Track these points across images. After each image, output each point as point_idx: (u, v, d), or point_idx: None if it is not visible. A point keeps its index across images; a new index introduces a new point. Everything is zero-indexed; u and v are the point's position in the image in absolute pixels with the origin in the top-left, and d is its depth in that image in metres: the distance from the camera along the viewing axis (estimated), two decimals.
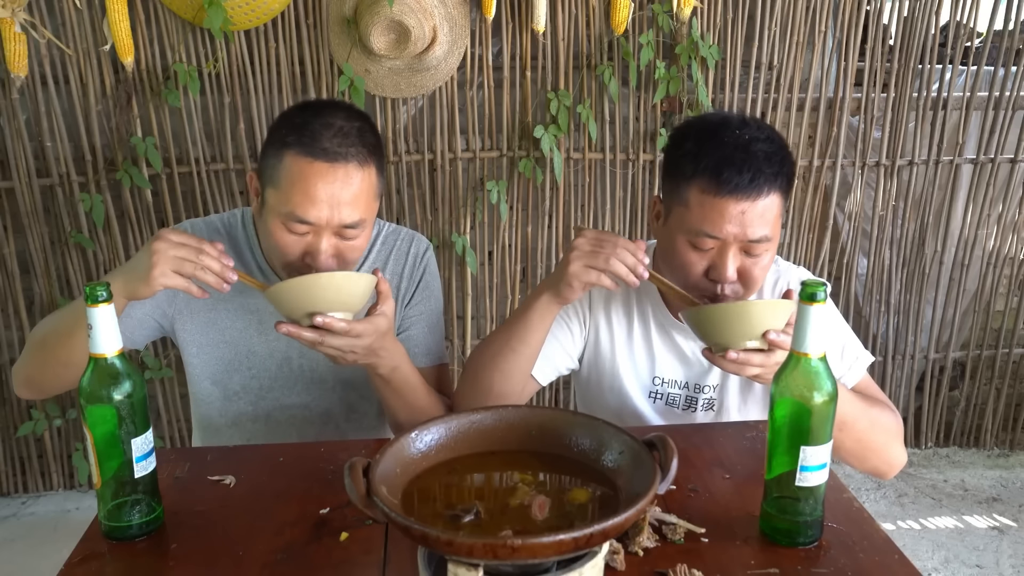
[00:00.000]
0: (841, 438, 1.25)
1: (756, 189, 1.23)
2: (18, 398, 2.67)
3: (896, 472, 1.39)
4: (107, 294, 0.97)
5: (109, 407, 1.00)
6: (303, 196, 1.26)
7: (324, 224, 1.28)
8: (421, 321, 1.55)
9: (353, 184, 1.28)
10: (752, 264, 1.28)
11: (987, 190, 2.79)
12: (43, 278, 2.55)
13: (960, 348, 3.00)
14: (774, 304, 1.19)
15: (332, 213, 1.27)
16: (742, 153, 1.24)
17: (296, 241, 1.29)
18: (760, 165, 1.23)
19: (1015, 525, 2.62)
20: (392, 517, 0.78)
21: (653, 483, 0.81)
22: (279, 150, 1.29)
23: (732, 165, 1.23)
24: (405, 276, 1.53)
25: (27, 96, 2.38)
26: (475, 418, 0.98)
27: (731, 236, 1.25)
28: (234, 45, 2.39)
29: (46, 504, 2.75)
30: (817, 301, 0.94)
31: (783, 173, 1.27)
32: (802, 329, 0.97)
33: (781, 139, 1.30)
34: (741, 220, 1.24)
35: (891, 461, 1.37)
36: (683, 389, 1.48)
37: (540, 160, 2.58)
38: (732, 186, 1.22)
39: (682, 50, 2.48)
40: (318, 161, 1.26)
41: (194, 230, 1.46)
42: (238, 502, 1.14)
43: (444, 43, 2.39)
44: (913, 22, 2.58)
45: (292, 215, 1.27)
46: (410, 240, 1.55)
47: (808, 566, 0.98)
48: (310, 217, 1.26)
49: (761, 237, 1.25)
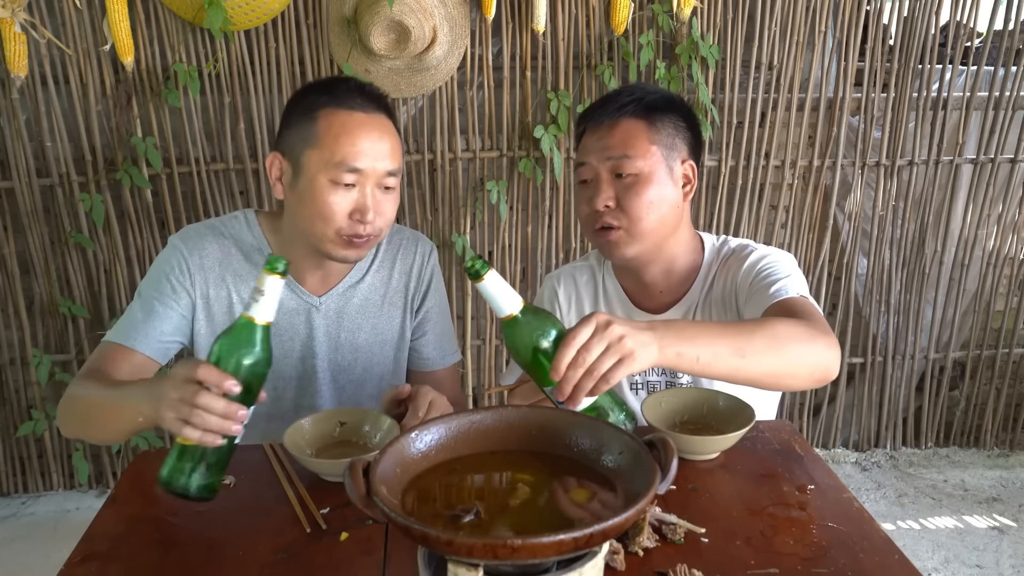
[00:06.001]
0: (748, 364, 1.11)
1: (611, 114, 1.42)
2: (18, 398, 2.68)
3: (835, 367, 1.20)
4: (284, 268, 1.03)
5: (237, 367, 1.03)
6: (350, 145, 1.32)
7: (370, 172, 1.34)
8: (435, 324, 1.59)
9: (388, 134, 1.37)
10: (623, 189, 1.40)
11: (987, 190, 2.79)
12: (43, 278, 2.55)
13: (960, 348, 3.00)
14: None
15: (376, 160, 1.34)
16: (610, 94, 1.48)
17: (343, 198, 1.33)
18: (615, 97, 1.44)
19: (1015, 525, 2.62)
20: (392, 517, 0.78)
21: (653, 483, 0.81)
22: (311, 112, 1.35)
23: (600, 102, 1.46)
24: (413, 275, 1.56)
25: (27, 96, 2.38)
26: (475, 418, 0.98)
27: (594, 160, 1.42)
28: (234, 45, 2.40)
29: (46, 504, 2.75)
30: (481, 277, 1.04)
31: (643, 102, 1.43)
32: (491, 301, 1.06)
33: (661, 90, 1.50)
34: (599, 143, 1.42)
35: (817, 362, 1.18)
36: (662, 375, 1.50)
37: (540, 160, 2.58)
38: (597, 116, 1.44)
39: (682, 50, 2.48)
40: (356, 112, 1.35)
41: (196, 235, 1.46)
42: (238, 502, 1.14)
43: (444, 43, 2.39)
44: (913, 22, 2.58)
45: (343, 164, 1.32)
46: (415, 240, 1.58)
47: (808, 566, 0.98)
48: (359, 163, 1.33)
49: (620, 154, 1.40)
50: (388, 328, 1.55)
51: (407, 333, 1.57)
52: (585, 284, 1.59)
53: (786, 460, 1.23)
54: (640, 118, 1.42)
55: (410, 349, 1.60)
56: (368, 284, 1.53)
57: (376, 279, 1.53)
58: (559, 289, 1.60)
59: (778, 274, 1.37)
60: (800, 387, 1.25)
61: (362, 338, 1.53)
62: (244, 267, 1.46)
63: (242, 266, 1.46)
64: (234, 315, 1.45)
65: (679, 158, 1.44)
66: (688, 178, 1.46)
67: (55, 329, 2.62)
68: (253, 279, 1.45)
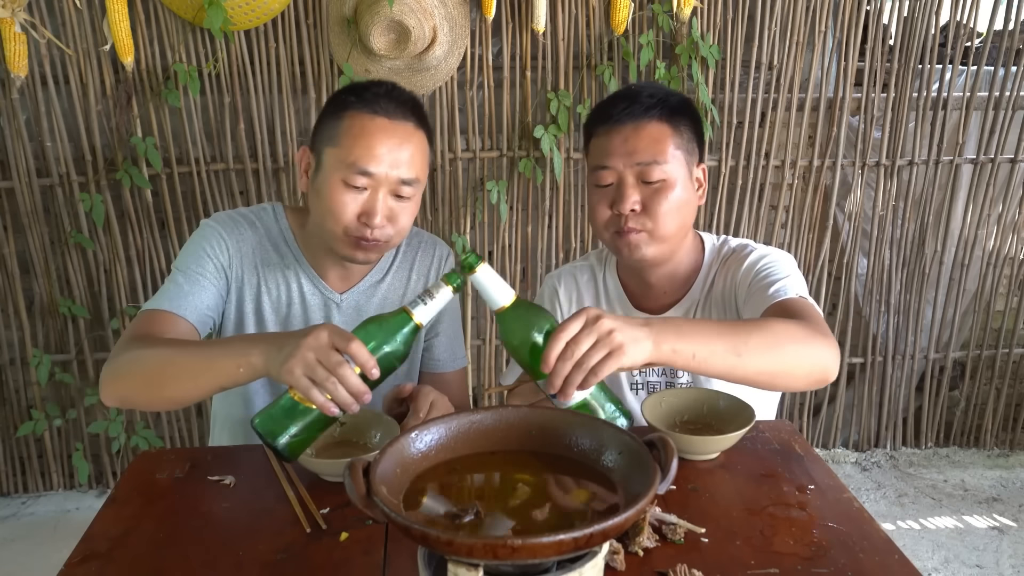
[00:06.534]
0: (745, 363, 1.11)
1: (635, 116, 1.38)
2: (18, 398, 2.68)
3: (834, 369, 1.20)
4: (459, 285, 1.11)
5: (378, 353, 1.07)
6: (365, 149, 1.32)
7: (383, 178, 1.33)
8: (447, 326, 1.61)
9: (411, 143, 1.36)
10: (651, 194, 1.37)
11: (987, 190, 2.79)
12: (43, 278, 2.55)
13: (960, 348, 3.00)
14: None
15: (391, 167, 1.33)
16: (625, 92, 1.42)
17: (353, 199, 1.34)
18: (637, 97, 1.39)
19: (1015, 525, 2.62)
20: (392, 517, 0.78)
21: (653, 483, 0.81)
22: (339, 111, 1.36)
23: (617, 99, 1.41)
24: (431, 277, 1.58)
25: (27, 96, 2.38)
26: (475, 418, 0.98)
27: (620, 164, 1.37)
28: (234, 45, 2.39)
29: (46, 504, 2.75)
30: (474, 270, 1.07)
31: (667, 104, 1.39)
32: (484, 293, 1.08)
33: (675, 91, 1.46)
34: (624, 147, 1.37)
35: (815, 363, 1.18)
36: (661, 376, 1.50)
37: (540, 160, 2.58)
38: (616, 115, 1.39)
39: (682, 50, 2.48)
40: (379, 117, 1.34)
41: (232, 221, 1.46)
42: (238, 502, 1.14)
43: (444, 43, 2.39)
44: (913, 22, 2.58)
45: (355, 166, 1.32)
46: (434, 243, 1.60)
47: (808, 566, 0.98)
48: (371, 167, 1.32)
49: (650, 160, 1.36)
50: None
51: (421, 334, 1.58)
52: (586, 283, 1.59)
53: (786, 460, 1.23)
54: (665, 121, 1.39)
55: (423, 350, 1.61)
56: (388, 284, 1.54)
57: (396, 280, 1.55)
58: (560, 288, 1.60)
59: (777, 274, 1.37)
60: (798, 387, 1.25)
61: None
62: (273, 257, 1.48)
63: (270, 256, 1.48)
64: (262, 304, 1.47)
65: (695, 162, 1.45)
66: (700, 182, 1.47)
67: (55, 329, 2.62)
68: (280, 270, 1.48)
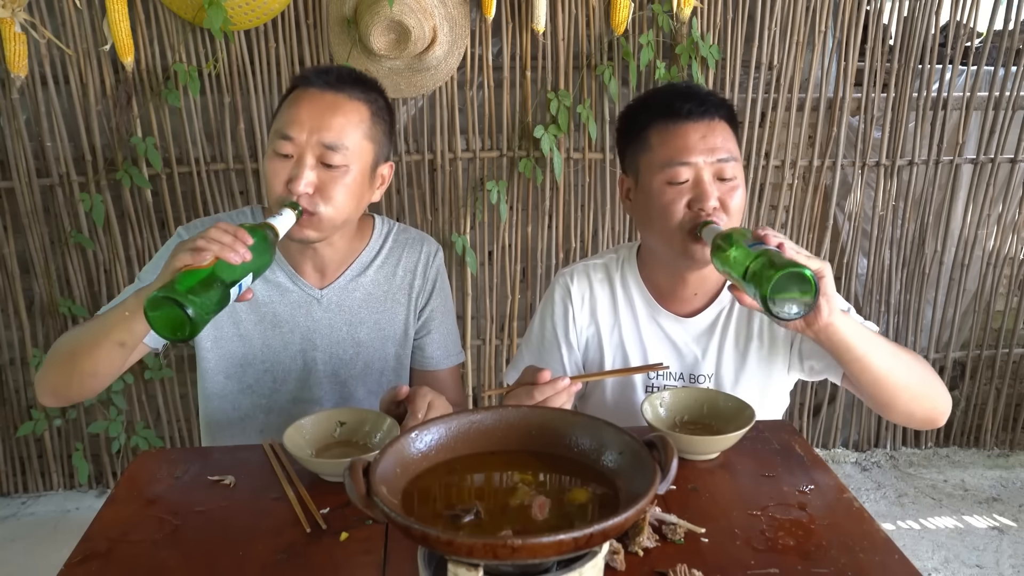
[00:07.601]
0: (899, 366, 1.28)
1: (707, 114, 1.36)
2: (18, 398, 2.68)
3: (945, 415, 1.36)
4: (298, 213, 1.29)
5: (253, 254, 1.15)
6: (290, 116, 1.34)
7: (305, 142, 1.33)
8: (439, 324, 1.59)
9: (342, 109, 1.35)
10: (727, 191, 1.35)
11: (987, 190, 2.79)
12: (43, 278, 2.55)
13: (960, 348, 3.00)
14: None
15: (313, 132, 1.33)
16: (684, 90, 1.39)
17: (281, 167, 1.33)
18: (704, 96, 1.37)
19: (1015, 525, 2.62)
20: (392, 517, 0.78)
21: (653, 483, 0.81)
22: (289, 94, 1.40)
23: (679, 97, 1.37)
24: (418, 273, 1.56)
25: (27, 96, 2.38)
26: (475, 418, 0.98)
27: (701, 160, 1.34)
28: (234, 45, 2.39)
29: (46, 504, 2.75)
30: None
31: (726, 105, 1.39)
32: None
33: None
34: (703, 143, 1.34)
35: (943, 398, 1.35)
36: (678, 380, 1.48)
37: (540, 160, 2.58)
38: (686, 112, 1.35)
39: (682, 50, 2.48)
40: (312, 88, 1.36)
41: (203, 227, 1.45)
42: (238, 502, 1.14)
43: (444, 43, 2.39)
44: (913, 22, 2.58)
45: (279, 132, 1.34)
46: (421, 239, 1.59)
47: (808, 566, 0.98)
48: (292, 132, 1.32)
49: (728, 156, 1.34)
50: (390, 324, 1.55)
51: (410, 331, 1.58)
52: (600, 282, 1.54)
53: (786, 460, 1.23)
54: (727, 120, 1.39)
55: (414, 348, 1.60)
56: (371, 279, 1.53)
57: (380, 275, 1.54)
58: (572, 286, 1.55)
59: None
60: (910, 412, 1.33)
61: (364, 333, 1.53)
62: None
63: None
64: (236, 311, 1.48)
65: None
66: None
67: (55, 329, 2.62)
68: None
